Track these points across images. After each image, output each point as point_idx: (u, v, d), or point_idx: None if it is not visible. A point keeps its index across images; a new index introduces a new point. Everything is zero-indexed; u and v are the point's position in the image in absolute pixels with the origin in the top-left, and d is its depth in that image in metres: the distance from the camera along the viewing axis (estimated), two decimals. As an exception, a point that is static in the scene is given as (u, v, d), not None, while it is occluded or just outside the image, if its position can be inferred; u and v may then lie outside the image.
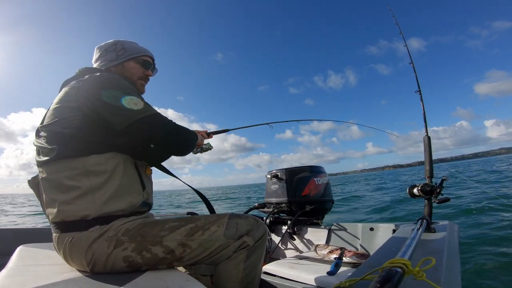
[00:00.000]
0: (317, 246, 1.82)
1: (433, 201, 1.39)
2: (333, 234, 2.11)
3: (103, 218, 0.90)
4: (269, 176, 2.50)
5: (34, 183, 1.00)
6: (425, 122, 1.64)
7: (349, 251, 1.58)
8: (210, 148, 1.41)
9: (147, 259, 0.90)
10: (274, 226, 2.47)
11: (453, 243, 1.17)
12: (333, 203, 2.47)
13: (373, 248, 1.86)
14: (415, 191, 1.42)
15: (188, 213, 2.25)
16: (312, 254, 1.82)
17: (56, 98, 0.98)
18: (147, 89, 1.23)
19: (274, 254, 2.30)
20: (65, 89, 0.97)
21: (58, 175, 0.89)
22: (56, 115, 0.92)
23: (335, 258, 1.52)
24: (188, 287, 0.80)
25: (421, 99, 1.74)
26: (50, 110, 0.96)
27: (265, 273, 1.53)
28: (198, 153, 1.40)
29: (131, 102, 0.91)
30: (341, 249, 1.64)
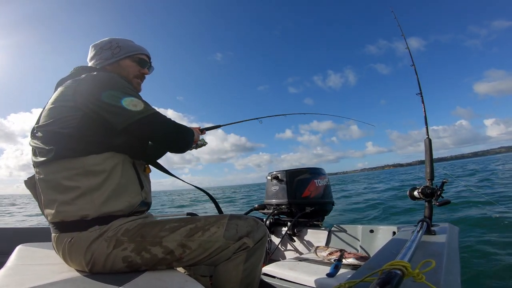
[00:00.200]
0: (317, 247, 1.82)
1: (433, 203, 1.38)
2: (333, 236, 2.11)
3: (102, 218, 0.89)
4: (269, 178, 2.50)
5: (30, 183, 0.99)
6: (426, 124, 1.63)
7: (349, 253, 1.57)
8: (204, 144, 1.43)
9: (146, 259, 0.90)
10: (274, 228, 2.47)
11: (453, 245, 1.16)
12: (333, 205, 2.47)
13: (373, 250, 1.85)
14: (416, 193, 1.42)
15: (188, 213, 2.25)
16: (312, 256, 1.81)
17: (52, 97, 0.96)
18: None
19: (274, 256, 2.30)
20: (61, 88, 0.96)
21: (56, 176, 0.88)
22: (53, 115, 0.91)
23: (335, 260, 1.51)
24: (187, 287, 0.80)
25: (423, 102, 1.73)
26: (45, 110, 0.94)
27: (265, 274, 1.53)
28: (193, 149, 1.42)
29: (131, 103, 0.91)
30: (341, 251, 1.63)
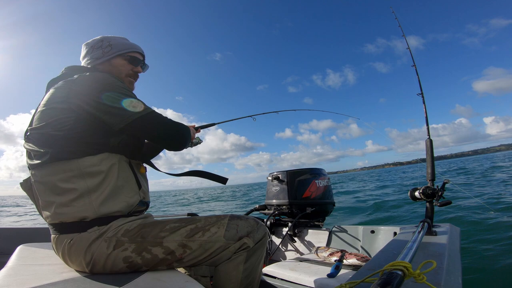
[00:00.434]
0: (317, 248, 1.81)
1: (434, 204, 1.38)
2: (333, 236, 2.11)
3: (101, 219, 0.89)
4: (270, 178, 2.50)
5: (26, 185, 0.99)
6: (427, 125, 1.63)
7: (350, 254, 1.57)
8: (200, 142, 1.45)
9: (147, 260, 0.90)
10: (275, 228, 2.47)
11: (454, 246, 1.16)
12: (334, 205, 2.47)
13: (374, 250, 1.85)
14: (417, 194, 1.41)
15: (188, 214, 2.25)
16: (312, 256, 1.81)
17: (44, 99, 0.95)
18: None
19: (274, 256, 2.30)
20: (52, 90, 0.94)
21: (53, 178, 0.88)
22: (46, 117, 0.89)
23: (335, 261, 1.51)
24: None
25: (424, 102, 1.72)
26: (38, 112, 0.93)
27: (266, 274, 1.52)
28: (189, 147, 1.43)
29: (129, 103, 0.90)
30: (341, 251, 1.63)
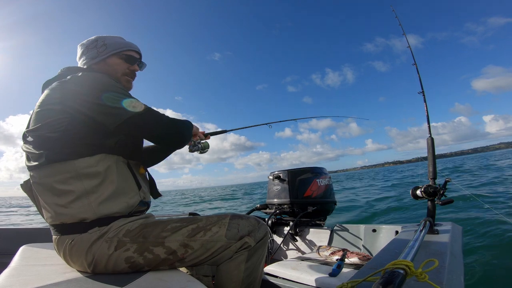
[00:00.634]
0: (319, 247, 1.81)
1: (436, 202, 1.38)
2: (335, 235, 2.11)
3: (101, 219, 0.89)
4: (271, 177, 2.50)
5: (26, 186, 0.99)
6: (428, 123, 1.62)
7: (352, 253, 1.57)
8: (207, 148, 1.43)
9: (149, 260, 0.90)
10: (276, 227, 2.47)
11: (456, 245, 1.16)
12: (336, 204, 2.47)
13: (375, 249, 1.85)
14: (418, 192, 1.41)
15: (189, 213, 2.26)
16: (314, 255, 1.81)
17: (39, 100, 0.94)
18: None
19: (276, 255, 2.30)
20: (47, 91, 0.94)
21: (50, 180, 0.88)
22: (41, 119, 0.89)
23: (337, 260, 1.51)
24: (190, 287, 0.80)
25: (425, 101, 1.71)
26: (33, 114, 0.93)
27: (267, 274, 1.52)
28: (196, 152, 1.40)
29: (126, 102, 0.90)
30: (343, 250, 1.63)
